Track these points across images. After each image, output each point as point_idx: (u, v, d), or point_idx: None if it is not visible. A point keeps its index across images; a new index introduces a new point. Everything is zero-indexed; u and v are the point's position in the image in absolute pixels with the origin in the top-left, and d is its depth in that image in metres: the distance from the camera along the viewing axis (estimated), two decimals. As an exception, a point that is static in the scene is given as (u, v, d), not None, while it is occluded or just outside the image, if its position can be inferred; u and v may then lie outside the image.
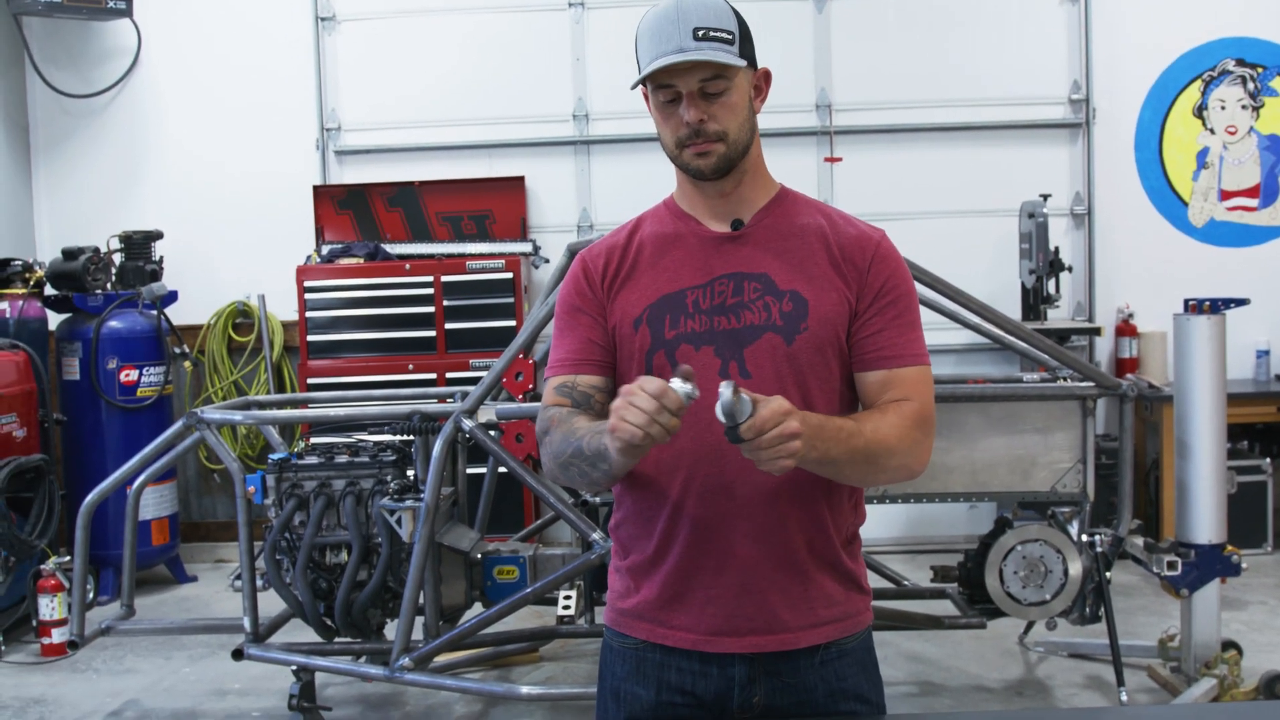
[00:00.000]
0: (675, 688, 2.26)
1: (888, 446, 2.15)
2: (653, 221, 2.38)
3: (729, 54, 2.17)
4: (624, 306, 2.30)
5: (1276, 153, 7.57)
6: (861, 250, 2.28)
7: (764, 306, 2.23)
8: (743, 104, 2.23)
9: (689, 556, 2.23)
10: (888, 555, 6.80)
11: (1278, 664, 4.99)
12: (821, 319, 2.22)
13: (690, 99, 2.18)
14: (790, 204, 2.35)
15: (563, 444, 2.20)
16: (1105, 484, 5.94)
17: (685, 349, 2.23)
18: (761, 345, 2.21)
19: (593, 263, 2.36)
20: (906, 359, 2.25)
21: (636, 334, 2.27)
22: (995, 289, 7.20)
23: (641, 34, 2.22)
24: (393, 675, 4.48)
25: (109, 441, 6.89)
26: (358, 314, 7.21)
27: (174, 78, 7.84)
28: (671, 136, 2.24)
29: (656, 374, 2.20)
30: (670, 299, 2.27)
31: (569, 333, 2.35)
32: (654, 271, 2.30)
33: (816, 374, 2.23)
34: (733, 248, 2.29)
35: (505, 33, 7.71)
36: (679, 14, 2.16)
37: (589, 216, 7.69)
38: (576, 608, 4.81)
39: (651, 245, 2.33)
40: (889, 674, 5.17)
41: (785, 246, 2.28)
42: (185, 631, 5.70)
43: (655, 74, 2.17)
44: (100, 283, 7.00)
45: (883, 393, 2.24)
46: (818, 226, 2.31)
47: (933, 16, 7.60)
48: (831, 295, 2.24)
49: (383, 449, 4.88)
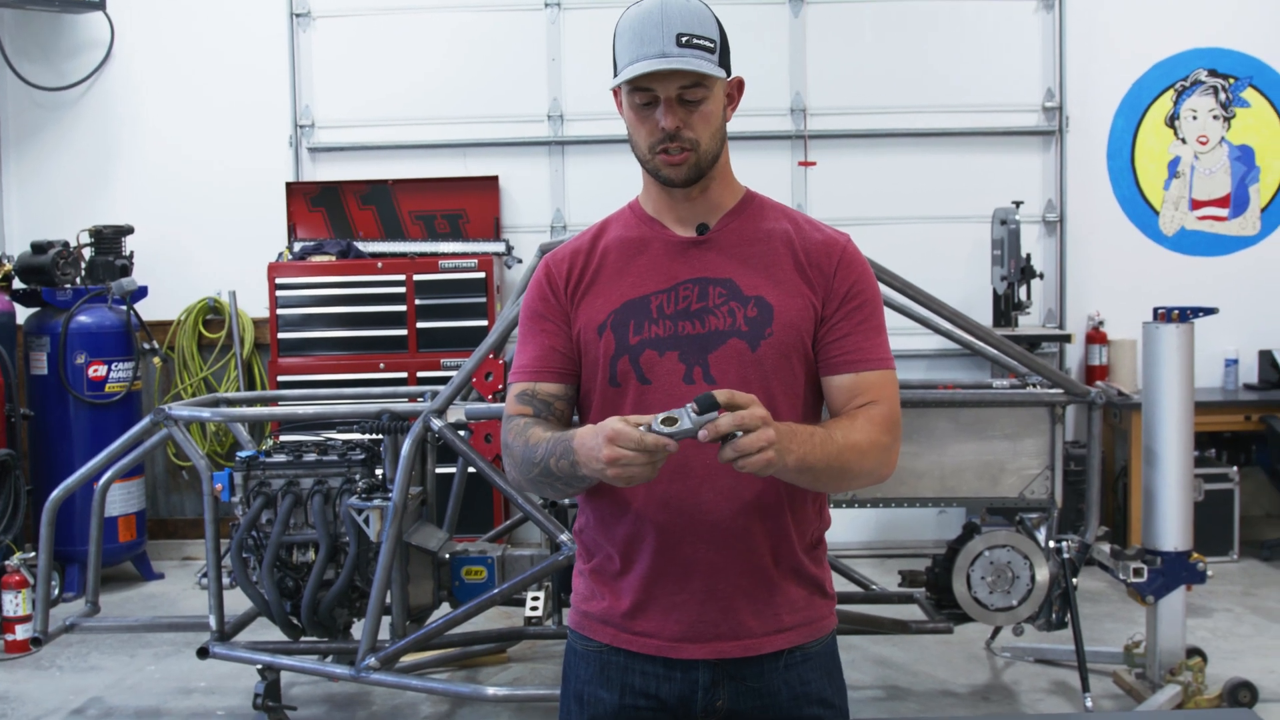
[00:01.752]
0: (639, 691, 2.26)
1: (860, 452, 2.15)
2: (618, 226, 2.36)
3: (710, 64, 2.15)
4: (588, 312, 2.28)
5: (1247, 163, 7.63)
6: (827, 255, 2.28)
7: (729, 312, 2.22)
8: (717, 113, 2.22)
9: (653, 564, 2.23)
10: (856, 559, 6.82)
11: (1242, 671, 5.03)
12: (786, 324, 2.22)
13: (668, 105, 2.17)
14: (756, 209, 2.34)
15: (526, 459, 2.20)
16: (1073, 490, 5.98)
17: (649, 355, 2.22)
18: (726, 351, 2.20)
19: (556, 268, 2.34)
20: (873, 363, 2.25)
21: (601, 340, 2.25)
22: (967, 295, 7.24)
23: (621, 32, 2.20)
24: (359, 675, 4.47)
25: (76, 437, 6.85)
26: (329, 312, 7.18)
27: (147, 72, 7.79)
28: (645, 141, 2.22)
29: (620, 380, 2.23)
30: (634, 304, 2.25)
31: (531, 339, 2.34)
32: (618, 277, 2.29)
33: (781, 379, 2.22)
34: (698, 253, 2.28)
35: (481, 32, 7.70)
36: (663, 16, 2.14)
37: (562, 217, 7.68)
38: (544, 609, 4.80)
39: (616, 250, 2.32)
40: (856, 678, 5.18)
41: (750, 252, 2.28)
42: (150, 629, 5.67)
43: (635, 77, 2.15)
44: (69, 277, 6.95)
45: (850, 397, 2.24)
46: (783, 231, 2.30)
47: (908, 22, 7.63)
48: (797, 301, 2.24)
49: (352, 448, 4.86)
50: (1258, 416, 7.03)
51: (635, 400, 2.22)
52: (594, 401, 2.28)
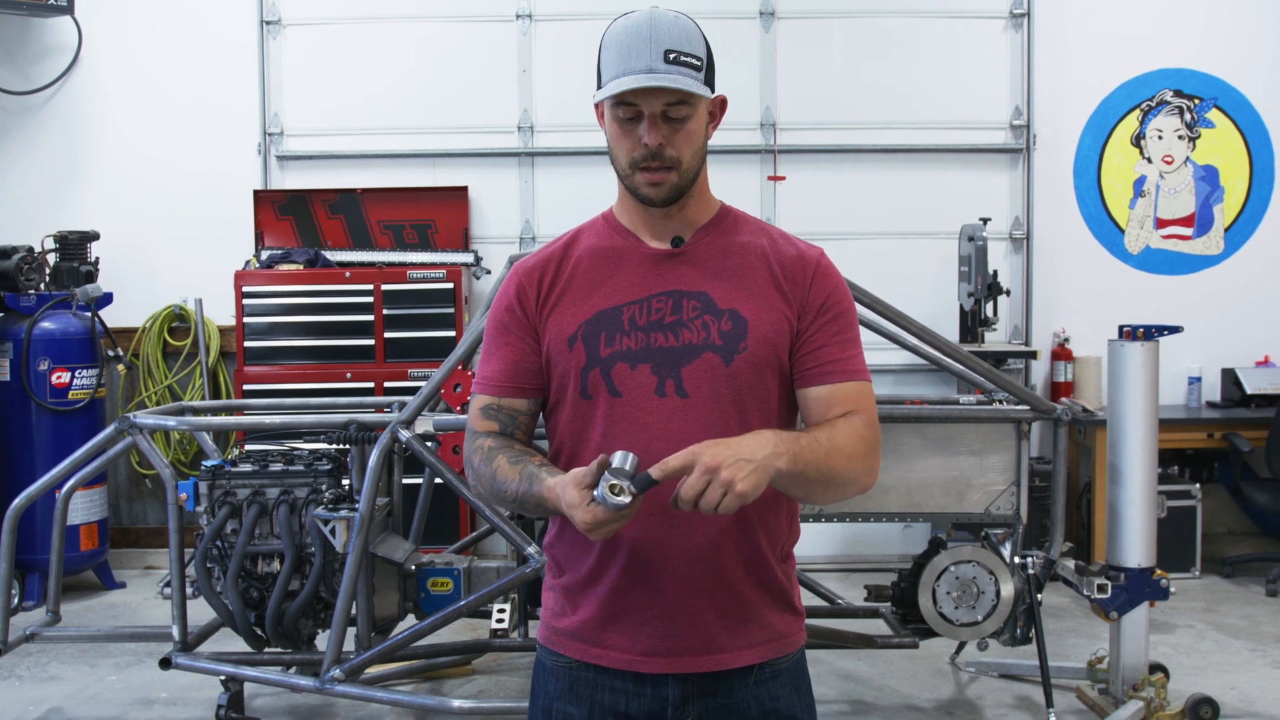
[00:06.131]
0: (608, 708, 2.25)
1: (845, 454, 2.13)
2: (590, 235, 2.34)
3: (697, 82, 2.15)
4: (558, 324, 2.26)
5: (1211, 183, 7.70)
6: (802, 269, 2.27)
7: (703, 325, 2.21)
8: (700, 132, 2.22)
9: (624, 578, 2.22)
10: (822, 573, 6.84)
11: (1204, 687, 5.06)
12: (760, 339, 2.21)
13: (652, 121, 2.15)
14: (732, 223, 2.33)
15: (495, 491, 2.21)
16: (1038, 506, 6.02)
17: (621, 367, 2.20)
18: (700, 365, 2.19)
19: (526, 278, 2.31)
20: (849, 374, 2.24)
21: (571, 352, 2.23)
22: (934, 311, 7.29)
23: (608, 44, 2.18)
24: (323, 686, 4.44)
25: (39, 444, 6.79)
26: (296, 320, 7.14)
27: (115, 77, 7.74)
28: (626, 156, 2.20)
29: (591, 392, 2.21)
30: (605, 316, 2.23)
31: (496, 351, 2.32)
32: (590, 287, 2.27)
33: (754, 394, 2.21)
34: (672, 265, 2.27)
35: (452, 42, 7.69)
36: (652, 31, 2.13)
37: (532, 228, 7.68)
38: (510, 621, 4.80)
39: (588, 260, 2.30)
40: (821, 692, 5.19)
41: (725, 265, 2.26)
42: (112, 639, 5.61)
43: (621, 93, 2.13)
44: (34, 283, 6.90)
45: (827, 408, 2.23)
46: (759, 246, 2.29)
47: (878, 39, 7.67)
48: (771, 315, 2.23)
49: (318, 458, 4.83)
50: (1220, 434, 7.09)
51: (606, 413, 2.20)
52: (564, 413, 2.27)
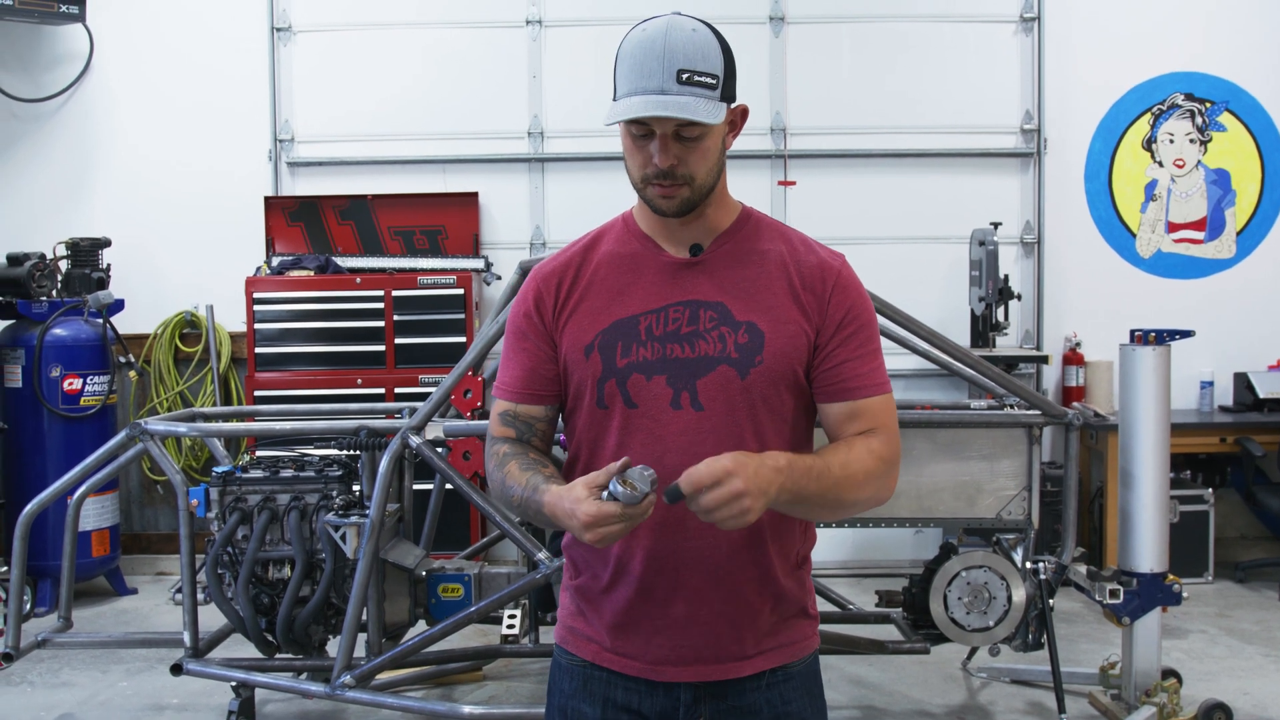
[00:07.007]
0: (621, 706, 2.25)
1: (856, 482, 2.12)
2: (611, 240, 2.32)
3: (709, 102, 2.08)
4: (575, 333, 2.24)
5: (1223, 186, 7.68)
6: (822, 279, 2.24)
7: (719, 337, 2.18)
8: (715, 148, 2.17)
9: (640, 588, 2.21)
10: (833, 579, 6.82)
11: (1217, 692, 5.04)
12: (777, 353, 2.18)
13: (663, 142, 2.10)
14: (752, 229, 2.30)
15: (504, 495, 2.21)
16: (1050, 511, 6.01)
17: (637, 378, 2.19)
18: (715, 377, 2.17)
19: (544, 284, 2.29)
20: (870, 389, 2.22)
21: (588, 361, 2.22)
22: (945, 315, 7.28)
23: (623, 56, 2.13)
24: (334, 693, 4.45)
25: (50, 451, 6.80)
26: (307, 327, 7.16)
27: (126, 85, 7.77)
28: (639, 171, 2.16)
29: (607, 402, 2.20)
30: (622, 325, 2.21)
31: (514, 358, 2.32)
32: (607, 296, 2.25)
33: (769, 408, 2.19)
34: (690, 274, 2.24)
35: (462, 48, 7.70)
36: (665, 48, 2.07)
37: (542, 234, 7.68)
38: (521, 627, 4.79)
39: (607, 268, 2.27)
40: (832, 698, 5.17)
41: (744, 274, 2.23)
42: (123, 645, 5.61)
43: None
44: (45, 289, 6.91)
45: (848, 424, 2.22)
46: (778, 253, 2.26)
47: (888, 43, 7.66)
48: (789, 328, 2.20)
49: (329, 464, 4.84)
50: (1232, 438, 7.07)
51: (621, 424, 2.20)
52: (581, 419, 2.26)
